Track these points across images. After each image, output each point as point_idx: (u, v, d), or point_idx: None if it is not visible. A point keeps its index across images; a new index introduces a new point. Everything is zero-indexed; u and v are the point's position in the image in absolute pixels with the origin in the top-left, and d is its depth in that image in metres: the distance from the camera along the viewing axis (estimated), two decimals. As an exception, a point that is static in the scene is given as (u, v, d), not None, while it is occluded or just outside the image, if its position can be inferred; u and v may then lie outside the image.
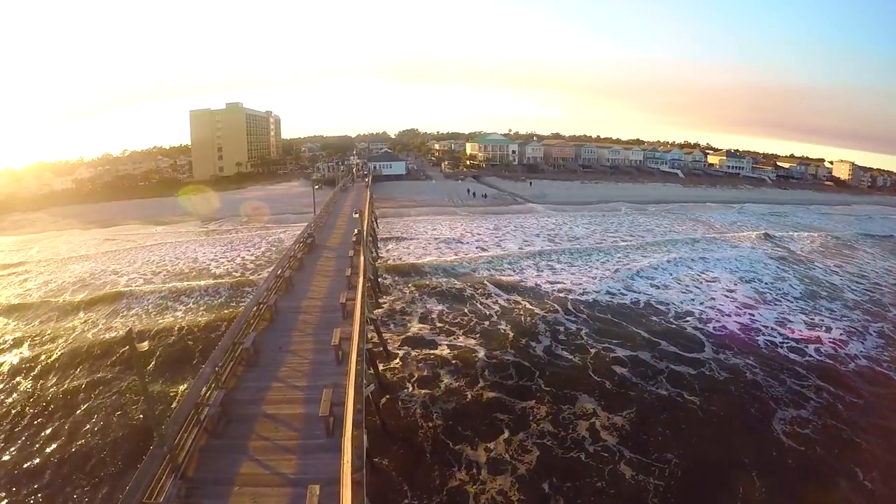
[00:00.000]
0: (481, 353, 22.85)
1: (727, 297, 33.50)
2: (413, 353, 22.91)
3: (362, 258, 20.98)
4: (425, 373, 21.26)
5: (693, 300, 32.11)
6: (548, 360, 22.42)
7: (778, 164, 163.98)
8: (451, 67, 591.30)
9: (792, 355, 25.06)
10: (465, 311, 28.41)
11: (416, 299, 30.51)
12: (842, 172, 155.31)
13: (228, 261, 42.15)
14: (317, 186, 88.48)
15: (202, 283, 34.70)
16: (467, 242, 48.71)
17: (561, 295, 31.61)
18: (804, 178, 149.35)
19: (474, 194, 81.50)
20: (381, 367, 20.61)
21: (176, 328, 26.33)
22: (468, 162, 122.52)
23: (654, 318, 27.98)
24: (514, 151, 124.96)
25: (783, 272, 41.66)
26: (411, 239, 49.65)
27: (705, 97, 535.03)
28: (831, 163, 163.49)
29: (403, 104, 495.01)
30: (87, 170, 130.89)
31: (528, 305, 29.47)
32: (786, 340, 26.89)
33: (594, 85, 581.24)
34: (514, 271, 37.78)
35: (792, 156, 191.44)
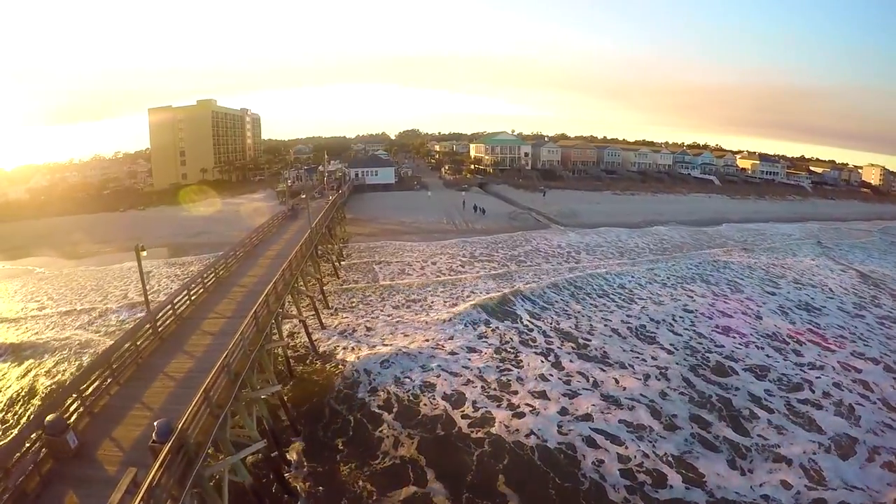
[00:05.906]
0: None
1: None
2: None
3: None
4: None
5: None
6: None
7: (810, 168, 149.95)
8: (454, 69, 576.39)
9: None
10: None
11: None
12: (872, 178, 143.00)
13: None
14: (279, 201, 73.09)
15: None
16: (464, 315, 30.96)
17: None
18: (837, 184, 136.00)
19: (475, 209, 64.64)
20: None
21: None
22: (472, 166, 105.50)
23: None
24: (526, 154, 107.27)
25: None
26: (369, 319, 30.43)
27: (706, 97, 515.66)
28: (859, 168, 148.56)
29: (407, 107, 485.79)
30: (44, 177, 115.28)
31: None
32: None
33: (595, 85, 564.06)
34: (529, 400, 20.48)
35: (802, 157, 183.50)
